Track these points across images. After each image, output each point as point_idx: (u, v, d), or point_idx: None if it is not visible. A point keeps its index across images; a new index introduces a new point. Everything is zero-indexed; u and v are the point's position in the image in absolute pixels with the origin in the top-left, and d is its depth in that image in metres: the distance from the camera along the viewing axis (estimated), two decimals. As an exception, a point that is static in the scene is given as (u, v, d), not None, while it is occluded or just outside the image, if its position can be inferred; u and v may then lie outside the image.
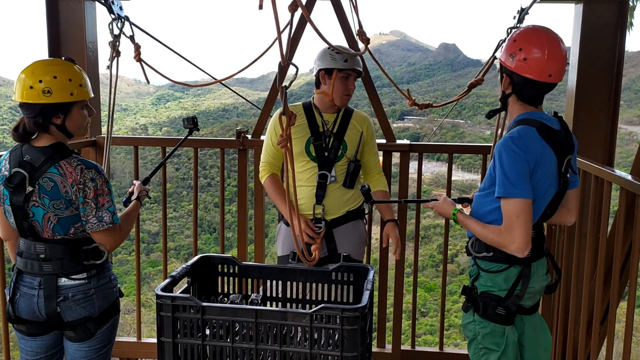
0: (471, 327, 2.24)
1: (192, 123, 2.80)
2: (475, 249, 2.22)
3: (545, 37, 2.05)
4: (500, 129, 2.92)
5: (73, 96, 2.12)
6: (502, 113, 2.85)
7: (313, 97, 2.94)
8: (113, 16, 2.91)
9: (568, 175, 2.15)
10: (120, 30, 2.93)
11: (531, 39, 2.06)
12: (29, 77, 2.08)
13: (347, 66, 2.77)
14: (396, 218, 2.99)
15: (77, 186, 2.10)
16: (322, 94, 2.85)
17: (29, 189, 2.09)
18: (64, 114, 2.14)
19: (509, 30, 2.93)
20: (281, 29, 1.80)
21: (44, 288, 2.17)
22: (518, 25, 2.95)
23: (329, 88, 2.80)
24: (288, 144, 2.07)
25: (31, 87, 2.06)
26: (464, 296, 2.29)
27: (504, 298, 2.15)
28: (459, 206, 2.31)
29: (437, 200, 2.38)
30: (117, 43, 2.92)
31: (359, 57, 2.91)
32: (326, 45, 2.80)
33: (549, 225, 3.23)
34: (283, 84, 1.99)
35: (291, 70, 2.05)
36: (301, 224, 2.62)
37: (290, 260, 2.81)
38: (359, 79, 2.96)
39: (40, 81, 2.06)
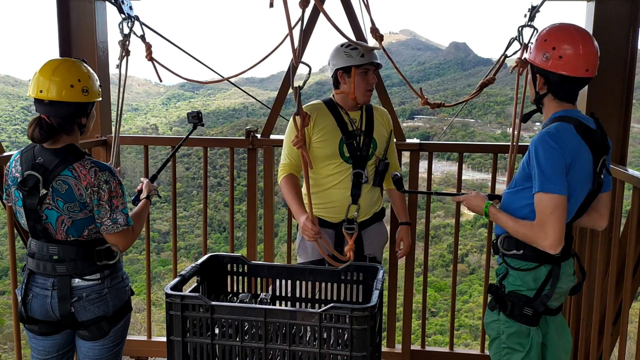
0: (495, 326, 2.22)
1: (196, 117, 2.81)
2: (505, 246, 2.19)
3: (576, 33, 2.05)
4: (516, 130, 2.89)
5: (99, 95, 2.18)
6: (516, 113, 2.83)
7: (333, 96, 2.83)
8: (123, 16, 2.92)
9: (602, 176, 2.12)
10: (131, 29, 2.94)
11: (563, 36, 2.06)
12: (67, 76, 2.07)
13: (364, 61, 2.67)
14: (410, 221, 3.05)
15: (91, 189, 2.10)
16: (343, 93, 2.75)
17: (43, 191, 2.09)
18: (88, 113, 2.17)
19: (520, 28, 2.90)
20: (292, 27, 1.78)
21: (58, 289, 2.17)
22: (529, 23, 2.92)
23: (350, 87, 2.70)
24: (303, 145, 2.02)
25: (72, 86, 2.06)
26: (490, 294, 2.27)
27: (532, 298, 2.12)
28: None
29: (467, 194, 2.36)
30: (127, 42, 2.94)
31: (375, 50, 2.80)
32: (338, 44, 2.76)
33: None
34: (297, 85, 1.96)
35: (301, 70, 2.02)
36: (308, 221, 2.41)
37: None
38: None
39: (79, 80, 2.08)
